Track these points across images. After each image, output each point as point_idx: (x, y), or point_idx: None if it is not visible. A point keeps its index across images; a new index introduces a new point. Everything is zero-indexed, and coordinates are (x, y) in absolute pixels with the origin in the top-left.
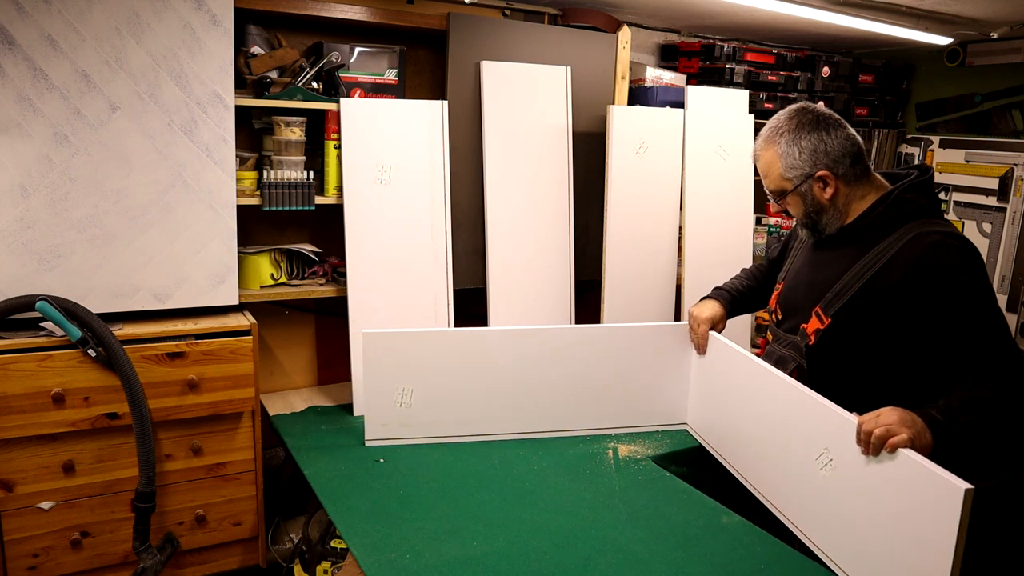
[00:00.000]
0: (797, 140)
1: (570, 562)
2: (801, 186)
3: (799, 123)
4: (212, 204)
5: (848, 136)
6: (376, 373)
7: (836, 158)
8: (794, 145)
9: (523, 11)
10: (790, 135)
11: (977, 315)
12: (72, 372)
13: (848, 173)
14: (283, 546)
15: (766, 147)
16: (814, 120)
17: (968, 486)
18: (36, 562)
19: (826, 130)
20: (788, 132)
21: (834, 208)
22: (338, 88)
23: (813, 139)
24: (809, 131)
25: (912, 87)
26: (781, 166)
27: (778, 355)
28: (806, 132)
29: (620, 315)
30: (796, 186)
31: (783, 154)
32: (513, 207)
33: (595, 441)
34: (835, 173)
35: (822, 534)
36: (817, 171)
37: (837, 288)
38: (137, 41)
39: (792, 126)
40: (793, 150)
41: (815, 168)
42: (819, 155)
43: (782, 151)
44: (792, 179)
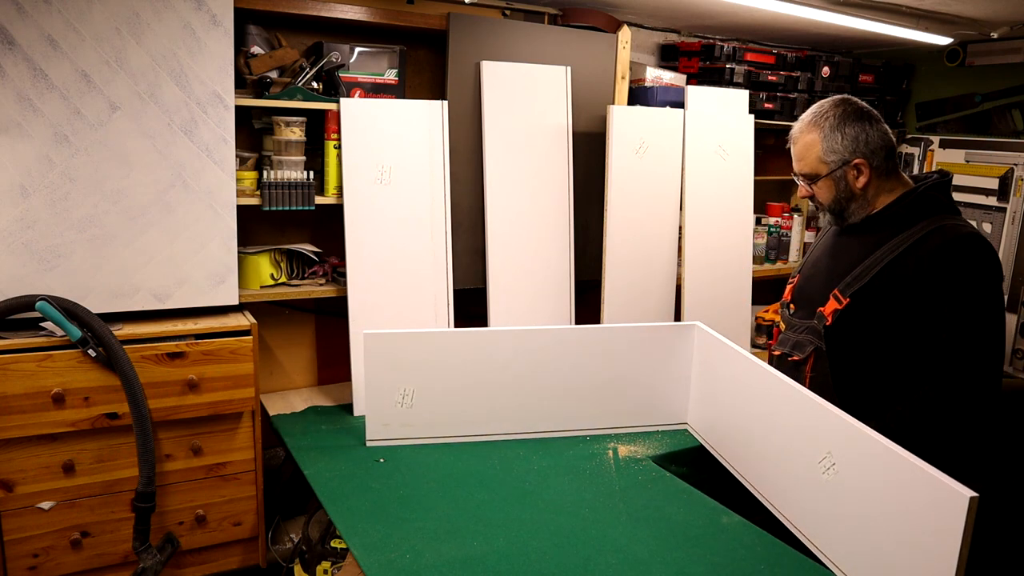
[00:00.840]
0: (841, 127)
1: (570, 562)
2: (836, 171)
3: (844, 111)
4: (212, 204)
5: (885, 131)
6: (377, 373)
7: (874, 149)
8: (837, 131)
9: (523, 11)
10: (835, 120)
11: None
12: (72, 372)
13: (881, 166)
14: (283, 546)
15: (808, 130)
16: (858, 111)
17: (973, 494)
18: (36, 562)
19: (868, 122)
20: (833, 118)
21: (863, 197)
22: (338, 88)
23: (856, 128)
24: (853, 120)
25: (912, 87)
26: (821, 149)
27: (794, 341)
28: (850, 121)
29: (620, 315)
30: (832, 170)
31: (825, 138)
32: (513, 207)
33: (595, 441)
34: (870, 163)
35: (824, 537)
36: (855, 159)
37: (857, 271)
38: (137, 41)
39: (838, 113)
40: (836, 135)
41: (853, 155)
42: (859, 144)
43: (824, 135)
44: (829, 163)
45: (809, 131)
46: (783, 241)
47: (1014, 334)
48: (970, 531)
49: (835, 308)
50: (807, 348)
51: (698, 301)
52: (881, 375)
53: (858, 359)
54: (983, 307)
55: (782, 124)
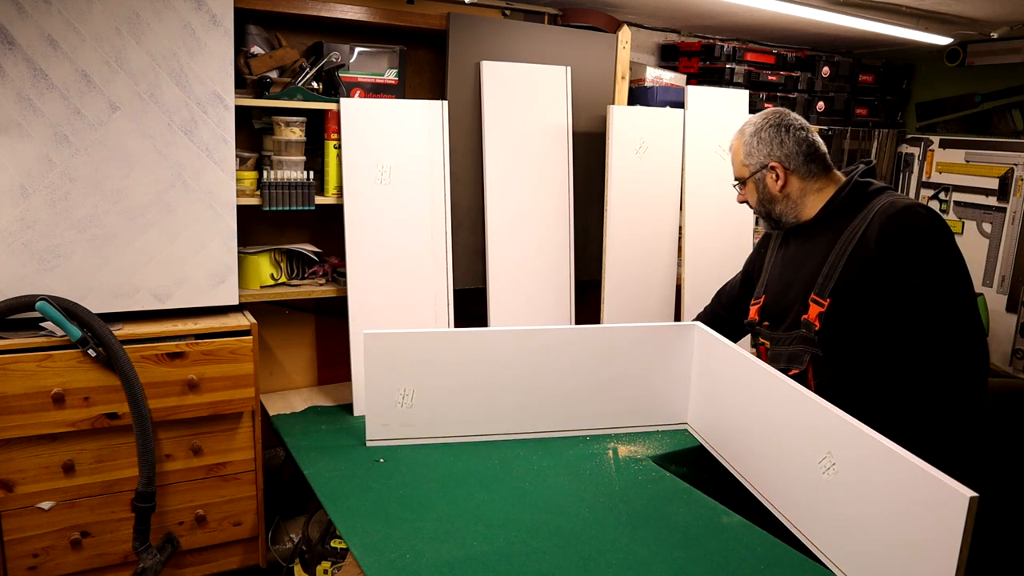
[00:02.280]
0: (758, 133)
1: (570, 562)
2: (756, 174)
3: (765, 120)
4: (212, 204)
5: (805, 138)
6: (377, 373)
7: (788, 153)
8: (753, 137)
9: (523, 11)
10: (754, 127)
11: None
12: (72, 372)
13: (800, 168)
14: (283, 546)
15: (736, 138)
16: (777, 121)
17: (973, 494)
18: (36, 562)
19: (785, 129)
20: (752, 126)
21: (787, 199)
22: (338, 88)
23: (770, 133)
24: (770, 127)
25: (912, 87)
26: (742, 154)
27: (788, 354)
28: (767, 128)
29: (620, 315)
30: (752, 173)
31: (745, 143)
32: (513, 207)
33: (595, 441)
34: (786, 166)
35: (824, 537)
36: (770, 162)
37: (825, 271)
38: (137, 41)
39: (757, 121)
40: (752, 140)
41: (768, 159)
42: (773, 147)
43: (745, 141)
44: (749, 166)
45: (736, 138)
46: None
47: (1014, 334)
48: (970, 531)
49: (819, 311)
50: (804, 358)
51: (698, 301)
52: (881, 362)
53: (855, 352)
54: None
55: None
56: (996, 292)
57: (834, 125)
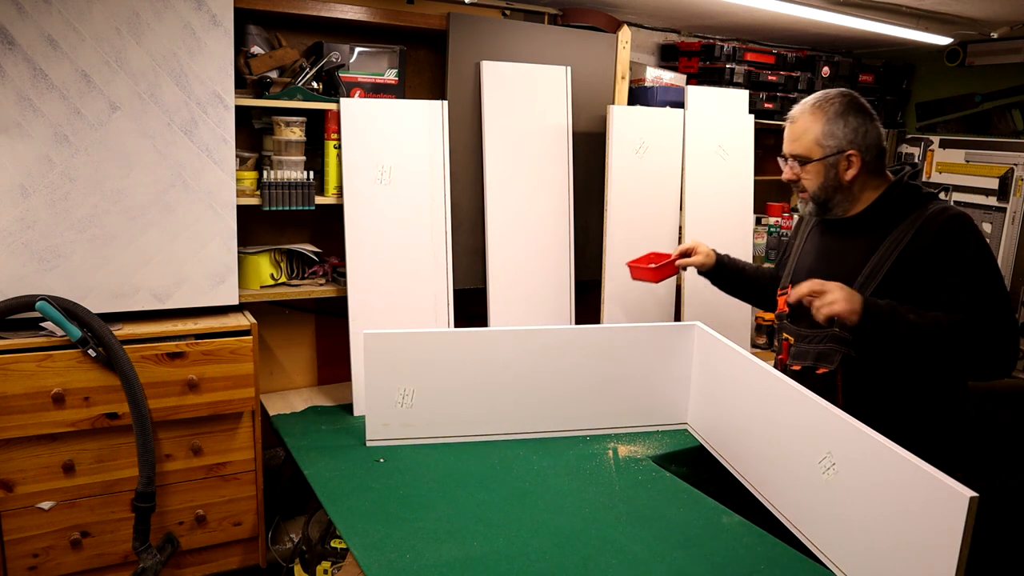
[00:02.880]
0: (844, 115)
1: (570, 562)
2: (830, 157)
3: (850, 102)
4: (212, 204)
5: (880, 131)
6: (377, 373)
7: (869, 145)
8: (840, 119)
9: (523, 11)
10: (839, 108)
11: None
12: (72, 372)
13: (872, 162)
14: (283, 546)
15: (810, 112)
16: (861, 105)
17: (973, 494)
18: (36, 562)
19: (869, 117)
20: (838, 106)
21: (848, 191)
22: (338, 88)
23: (857, 120)
24: (855, 112)
25: (912, 87)
26: (820, 133)
27: (816, 352)
28: (853, 112)
29: (620, 315)
30: (825, 156)
31: (827, 122)
32: (513, 207)
33: (595, 441)
34: (863, 157)
35: (824, 537)
36: (850, 149)
37: (867, 271)
38: (137, 41)
39: (843, 102)
40: (838, 123)
41: (850, 146)
42: (858, 135)
43: (827, 119)
44: (825, 148)
45: (812, 113)
46: (783, 241)
47: None
48: (970, 531)
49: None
50: (835, 357)
51: (698, 301)
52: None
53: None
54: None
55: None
56: None
57: None
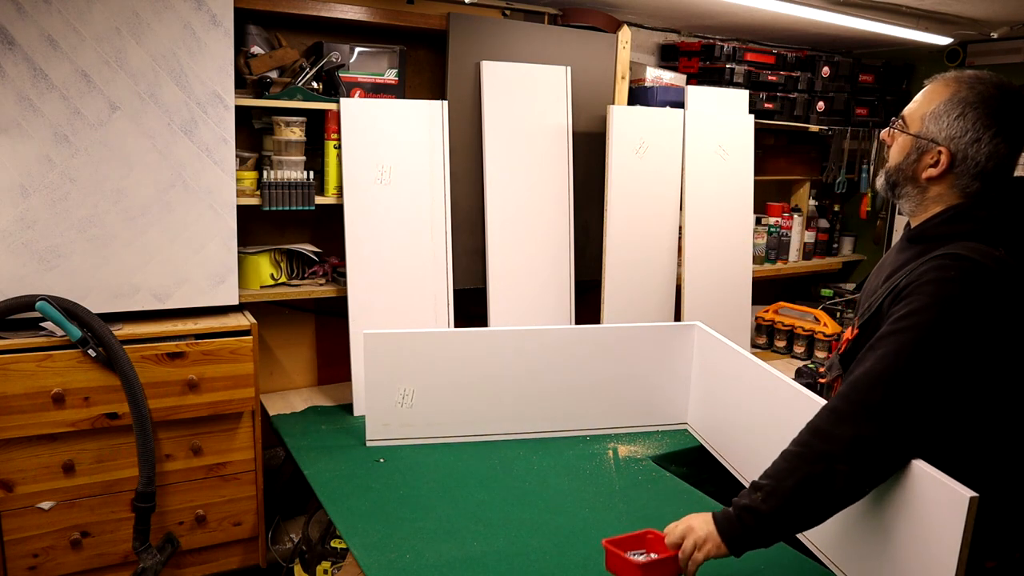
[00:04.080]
0: (967, 107)
1: (570, 562)
2: (920, 141)
3: (989, 99)
4: (212, 204)
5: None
6: (377, 373)
7: (971, 156)
8: (958, 108)
9: (523, 11)
10: (973, 96)
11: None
12: (72, 372)
13: (962, 176)
14: (283, 546)
15: (946, 85)
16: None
17: (973, 494)
18: (36, 562)
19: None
20: (970, 92)
21: (921, 189)
22: (338, 88)
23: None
24: (986, 113)
25: (912, 87)
26: (932, 109)
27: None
28: (983, 110)
29: (620, 315)
30: (917, 135)
31: (946, 102)
32: (513, 207)
33: (595, 441)
34: (953, 162)
35: (824, 537)
36: (943, 146)
37: (873, 298)
38: (137, 41)
39: (982, 93)
40: (954, 111)
41: (948, 141)
42: (965, 137)
43: (946, 99)
44: (926, 130)
45: (946, 86)
46: (783, 241)
47: None
48: (970, 531)
49: (848, 338)
50: (835, 372)
51: (698, 301)
52: None
53: None
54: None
55: (782, 124)
56: None
57: (834, 125)
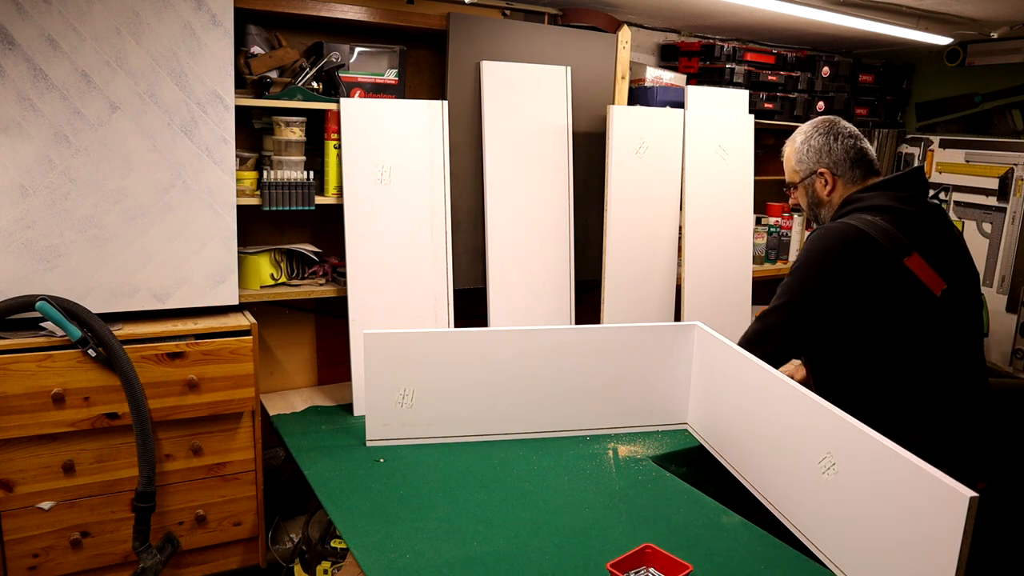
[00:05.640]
0: (808, 140)
1: (570, 562)
2: (806, 179)
3: (815, 128)
4: (212, 204)
5: (853, 145)
6: (377, 373)
7: (837, 160)
8: (805, 144)
9: (523, 11)
10: (803, 136)
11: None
12: (72, 372)
13: (847, 174)
14: (283, 546)
15: (788, 144)
16: (827, 129)
17: (973, 494)
18: (36, 562)
19: (835, 136)
20: (803, 133)
21: (830, 204)
22: (338, 88)
23: (820, 141)
24: (819, 135)
25: (912, 87)
26: (794, 160)
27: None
28: (817, 136)
29: (620, 315)
30: (803, 178)
31: (796, 150)
32: (513, 207)
33: (595, 441)
34: (834, 172)
35: (824, 537)
36: (819, 168)
37: None
38: (137, 41)
39: (808, 129)
40: (804, 147)
41: (819, 164)
42: (822, 155)
43: (796, 148)
44: (800, 171)
45: (788, 145)
46: (783, 241)
47: (1014, 334)
48: (970, 531)
49: None
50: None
51: (698, 301)
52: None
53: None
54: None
55: (782, 124)
56: (996, 292)
57: None
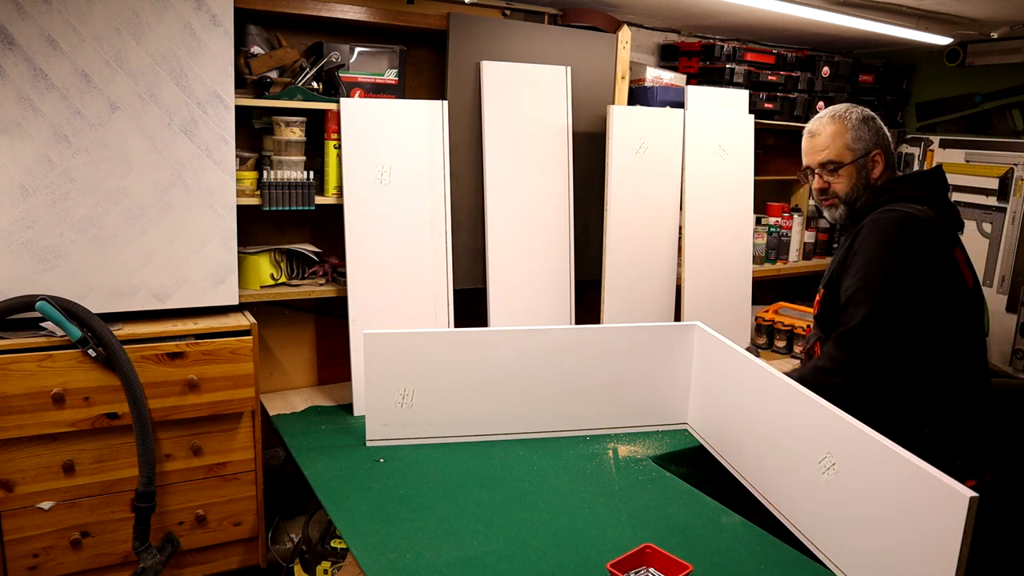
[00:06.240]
0: (865, 121)
1: (570, 562)
2: (860, 159)
3: (860, 110)
4: (212, 204)
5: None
6: (377, 373)
7: (888, 144)
8: (863, 124)
9: (523, 11)
10: (860, 115)
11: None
12: (72, 372)
13: (890, 159)
14: (283, 546)
15: (833, 123)
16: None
17: (973, 494)
18: (36, 562)
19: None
20: (857, 113)
21: (871, 190)
22: (338, 88)
23: (874, 123)
24: (870, 117)
25: (912, 87)
26: (849, 138)
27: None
28: (870, 118)
29: (620, 315)
30: (856, 158)
31: (853, 128)
32: (513, 207)
33: (595, 441)
34: (885, 154)
35: (824, 537)
36: (875, 149)
37: (827, 275)
38: (137, 41)
39: (859, 111)
40: (863, 127)
41: (876, 145)
42: (880, 136)
43: (852, 125)
44: (856, 151)
45: (834, 123)
46: (783, 241)
47: (1014, 334)
48: (970, 531)
49: (817, 299)
50: (812, 339)
51: (698, 301)
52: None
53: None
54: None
55: (782, 124)
56: (996, 292)
57: None
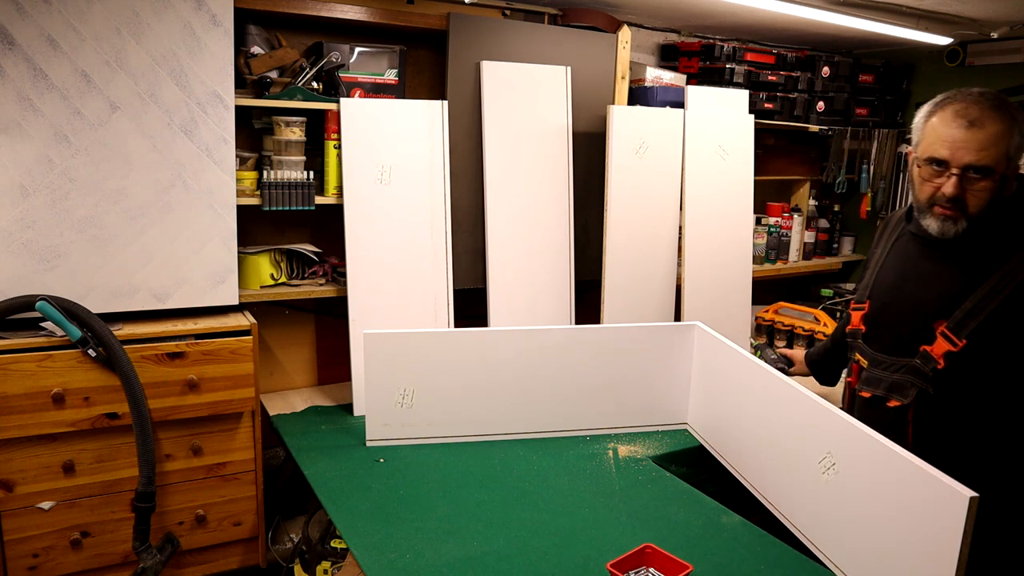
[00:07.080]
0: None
1: (570, 562)
2: (1008, 172)
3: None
4: (212, 204)
5: None
6: (377, 373)
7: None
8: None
9: (523, 11)
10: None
11: None
12: (72, 372)
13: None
14: (283, 546)
15: (1001, 119)
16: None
17: (973, 494)
18: (36, 562)
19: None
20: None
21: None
22: (338, 88)
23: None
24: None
25: (912, 87)
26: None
27: (889, 382)
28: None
29: (620, 315)
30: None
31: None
32: (513, 207)
33: (595, 441)
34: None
35: (824, 537)
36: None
37: (968, 306)
38: (137, 41)
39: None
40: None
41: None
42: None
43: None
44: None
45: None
46: (783, 241)
47: None
48: (970, 531)
49: (948, 350)
50: (909, 392)
51: (698, 301)
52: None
53: (971, 404)
54: None
55: (782, 124)
56: None
57: (834, 125)
